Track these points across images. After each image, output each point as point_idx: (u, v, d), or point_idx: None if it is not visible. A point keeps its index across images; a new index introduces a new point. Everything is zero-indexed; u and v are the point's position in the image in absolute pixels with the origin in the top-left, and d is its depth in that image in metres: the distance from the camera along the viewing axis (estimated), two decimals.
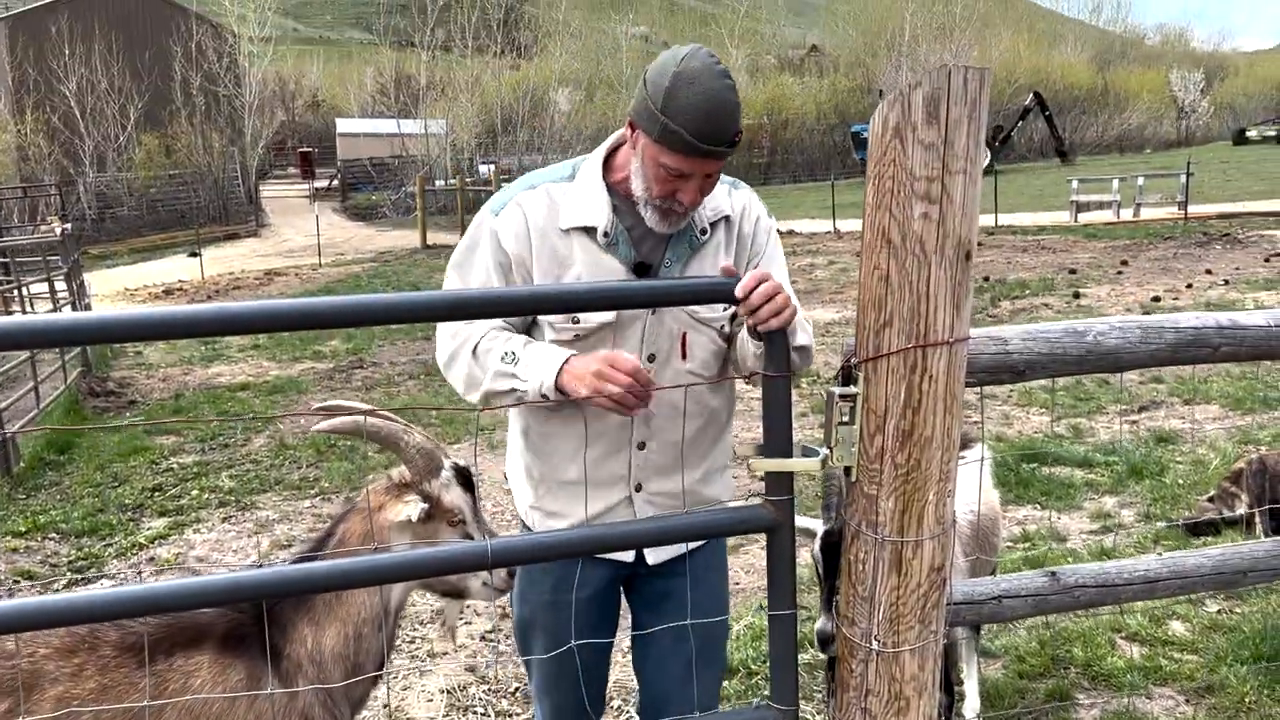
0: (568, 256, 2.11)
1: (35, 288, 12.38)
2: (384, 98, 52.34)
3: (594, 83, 48.90)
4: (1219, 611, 4.26)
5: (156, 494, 6.96)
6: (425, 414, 8.56)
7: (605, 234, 2.10)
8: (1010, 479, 6.00)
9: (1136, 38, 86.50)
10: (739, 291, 1.85)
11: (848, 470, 1.92)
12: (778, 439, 1.88)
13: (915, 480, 1.85)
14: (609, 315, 2.11)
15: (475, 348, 2.10)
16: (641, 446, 2.19)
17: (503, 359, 2.05)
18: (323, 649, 2.21)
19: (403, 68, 51.44)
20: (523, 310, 2.08)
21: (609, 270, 2.11)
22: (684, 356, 2.15)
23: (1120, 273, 15.01)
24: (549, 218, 2.10)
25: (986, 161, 32.20)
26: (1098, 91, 57.54)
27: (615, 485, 2.21)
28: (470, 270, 2.19)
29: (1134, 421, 7.30)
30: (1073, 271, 15.48)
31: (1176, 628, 4.12)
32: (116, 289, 21.69)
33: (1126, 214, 23.43)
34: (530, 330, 2.19)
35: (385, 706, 3.86)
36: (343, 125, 52.92)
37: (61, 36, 39.19)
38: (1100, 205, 24.31)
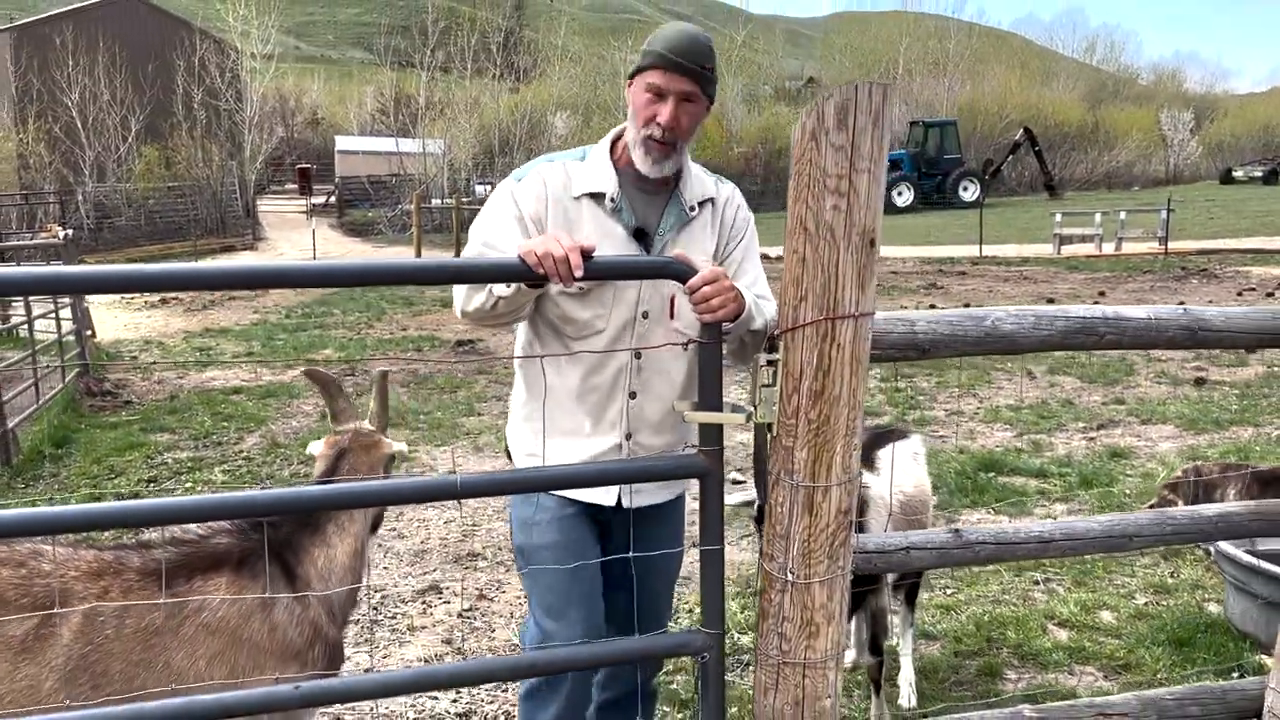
0: (578, 220, 2.45)
1: None
2: (383, 117, 52.83)
3: (591, 107, 49.40)
4: (1146, 603, 4.56)
5: (152, 485, 7.22)
6: (414, 419, 8.87)
7: (611, 199, 2.46)
8: (968, 486, 6.32)
9: (1129, 77, 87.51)
10: (689, 285, 2.15)
11: (770, 426, 2.23)
12: (709, 396, 2.19)
13: (825, 434, 2.17)
14: None
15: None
16: (633, 396, 2.50)
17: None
18: (334, 565, 2.54)
19: (402, 88, 51.96)
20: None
21: (612, 232, 2.46)
22: (672, 315, 2.48)
23: (1096, 303, 15.33)
24: (564, 187, 2.47)
25: (976, 195, 32.22)
26: (1088, 129, 58.29)
27: (609, 433, 2.51)
28: (492, 226, 2.47)
29: (1092, 438, 7.63)
30: (1050, 301, 15.86)
31: (1105, 616, 4.42)
32: (113, 297, 21.93)
33: (1109, 248, 23.87)
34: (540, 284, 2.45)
35: (367, 672, 4.14)
36: (341, 143, 53.34)
37: (66, 48, 39.58)
38: (1083, 238, 24.76)
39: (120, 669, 2.38)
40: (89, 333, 12.27)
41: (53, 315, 11.43)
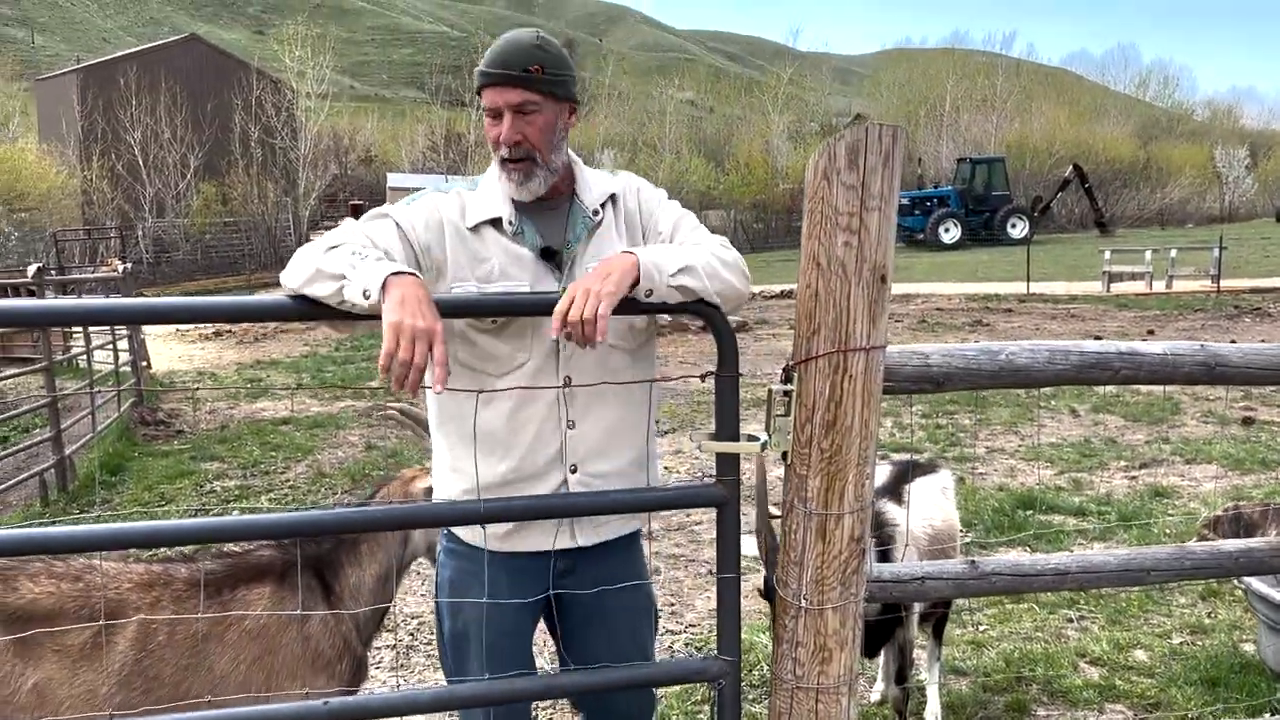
0: (481, 249, 2.30)
1: None
2: (434, 154, 53.84)
3: (637, 145, 49.94)
4: (1182, 643, 4.52)
5: (200, 514, 7.41)
6: None
7: (510, 222, 2.31)
8: (1004, 523, 6.29)
9: (1183, 113, 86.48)
10: (554, 330, 2.02)
11: (784, 455, 2.30)
12: (726, 426, 2.26)
13: (837, 463, 2.23)
14: None
15: (334, 245, 2.08)
16: (572, 426, 2.34)
17: (354, 253, 2.03)
18: (363, 585, 2.66)
19: (453, 126, 52.94)
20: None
21: (520, 257, 2.31)
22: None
23: (1145, 341, 15.21)
24: (461, 217, 2.31)
25: (1025, 231, 32.05)
26: (1139, 165, 57.67)
27: (551, 470, 2.35)
28: (373, 230, 2.21)
29: (1134, 477, 7.55)
30: (1097, 338, 15.69)
31: (1139, 655, 4.39)
32: (169, 329, 22.49)
33: (1159, 285, 23.57)
34: None
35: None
36: (393, 179, 54.23)
37: (129, 88, 40.98)
38: (1133, 276, 24.46)
39: (170, 673, 2.51)
40: (144, 363, 12.62)
41: (110, 346, 11.80)
